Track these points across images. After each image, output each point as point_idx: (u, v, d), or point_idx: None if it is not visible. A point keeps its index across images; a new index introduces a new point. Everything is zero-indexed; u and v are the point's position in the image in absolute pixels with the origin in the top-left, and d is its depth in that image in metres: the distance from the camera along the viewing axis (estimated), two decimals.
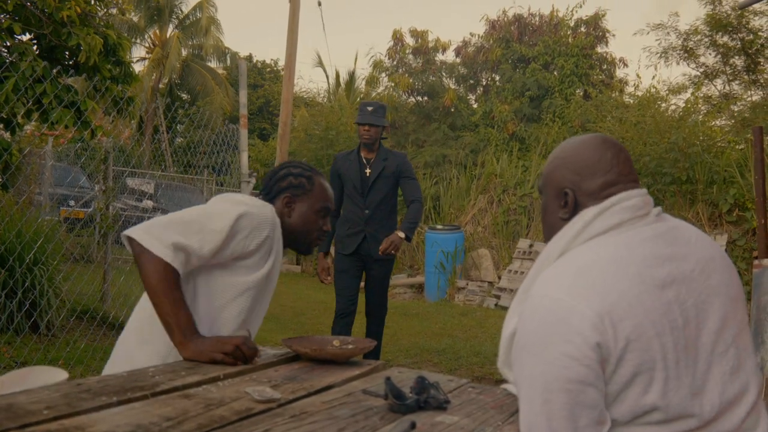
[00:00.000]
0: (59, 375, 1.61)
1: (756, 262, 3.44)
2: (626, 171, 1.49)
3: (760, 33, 15.16)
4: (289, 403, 1.38)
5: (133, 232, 1.80)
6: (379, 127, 4.46)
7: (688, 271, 1.34)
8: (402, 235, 4.32)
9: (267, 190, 2.18)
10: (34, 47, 4.61)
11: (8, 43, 4.31)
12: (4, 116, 4.47)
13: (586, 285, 1.28)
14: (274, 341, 6.27)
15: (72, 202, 10.85)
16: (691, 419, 1.26)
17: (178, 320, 1.75)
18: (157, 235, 1.79)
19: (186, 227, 1.84)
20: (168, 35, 23.73)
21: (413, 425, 1.22)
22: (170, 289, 1.76)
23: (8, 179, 5.97)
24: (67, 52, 4.65)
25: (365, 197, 4.45)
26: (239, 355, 1.71)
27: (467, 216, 11.36)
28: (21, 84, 3.91)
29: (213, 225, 1.87)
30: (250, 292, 1.99)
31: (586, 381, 1.23)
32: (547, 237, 1.52)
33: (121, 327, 2.45)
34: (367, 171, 4.48)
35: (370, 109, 4.45)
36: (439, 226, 10.12)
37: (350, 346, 1.86)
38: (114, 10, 4.97)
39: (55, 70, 4.22)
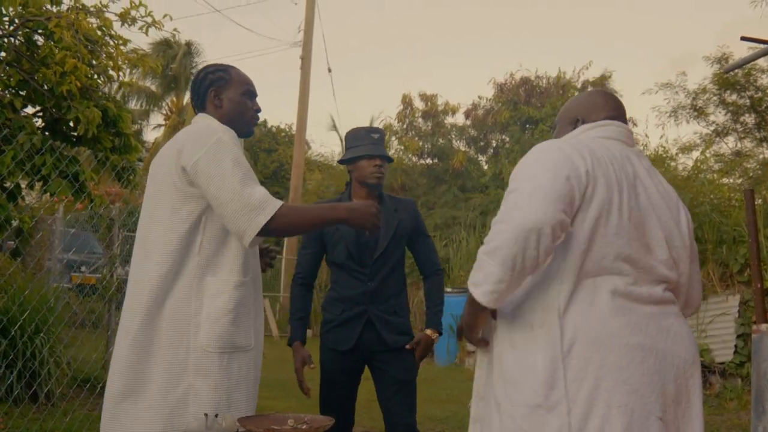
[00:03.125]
0: None
1: (754, 327, 3.36)
2: (621, 113, 2.07)
3: None
4: None
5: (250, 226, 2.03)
6: (387, 164, 3.19)
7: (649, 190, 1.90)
8: (434, 335, 3.16)
9: (196, 97, 2.38)
10: (39, 120, 4.75)
11: (11, 118, 4.44)
12: (7, 186, 4.57)
13: (579, 147, 1.83)
14: (279, 408, 6.17)
15: (83, 268, 10.96)
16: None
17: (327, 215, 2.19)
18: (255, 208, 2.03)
19: (243, 180, 2.06)
20: (184, 102, 24.33)
21: None
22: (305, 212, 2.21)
23: (21, 246, 6.06)
24: (70, 124, 4.78)
25: (368, 265, 3.10)
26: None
27: None
28: (18, 155, 4.02)
29: (235, 159, 2.09)
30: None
31: (569, 177, 1.74)
32: None
33: None
34: None
35: (376, 136, 3.18)
36: (449, 289, 10.03)
37: (305, 426, 1.82)
38: (117, 83, 5.11)
39: (56, 141, 4.33)
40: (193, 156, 2.08)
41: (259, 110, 2.43)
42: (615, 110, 2.05)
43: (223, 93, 2.34)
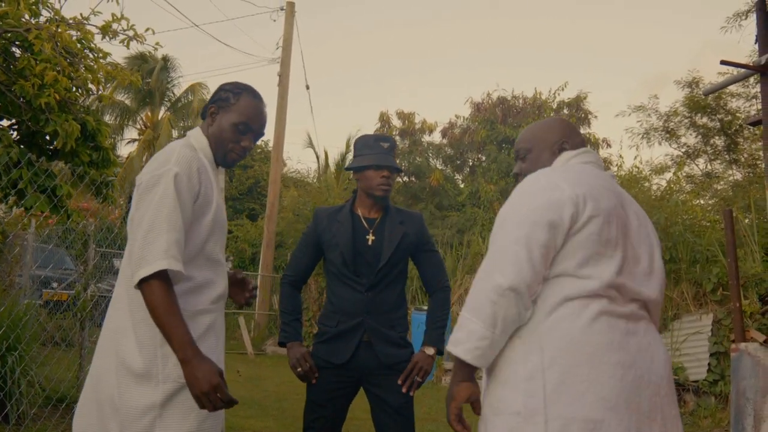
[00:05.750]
0: None
1: (733, 345, 3.41)
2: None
3: (738, 114, 15.57)
4: None
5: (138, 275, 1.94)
6: (395, 175, 3.05)
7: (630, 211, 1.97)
8: (432, 352, 2.94)
9: (206, 105, 2.31)
10: (14, 133, 4.67)
11: None
12: None
13: (570, 178, 1.89)
14: (255, 428, 6.10)
15: (55, 284, 10.75)
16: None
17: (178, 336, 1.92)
18: (147, 257, 1.93)
19: (155, 223, 1.97)
20: (159, 117, 24.16)
21: None
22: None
23: None
24: (47, 137, 4.71)
25: (366, 275, 2.95)
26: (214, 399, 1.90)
27: (454, 296, 11.30)
28: None
29: (163, 198, 2.00)
30: (215, 225, 2.16)
31: (555, 224, 1.79)
32: None
33: None
34: (369, 238, 2.99)
35: (385, 145, 3.01)
36: (425, 307, 10.04)
37: None
38: (95, 96, 5.05)
39: (32, 155, 4.26)
40: (140, 179, 2.08)
41: (247, 148, 2.29)
42: (579, 132, 2.18)
43: (219, 114, 2.26)
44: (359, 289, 2.95)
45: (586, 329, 1.74)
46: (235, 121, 2.23)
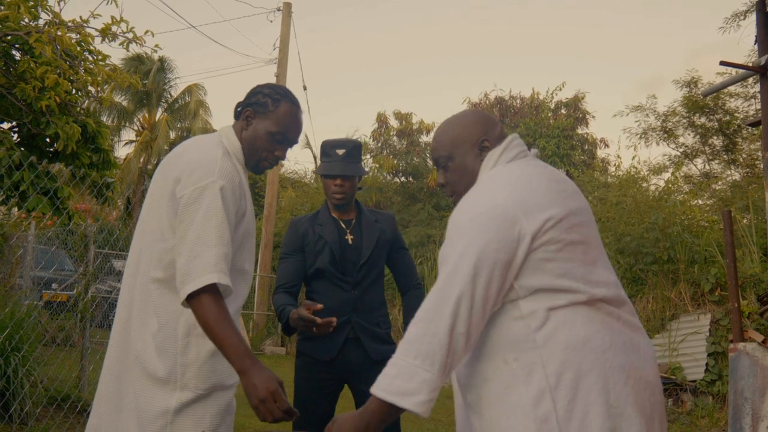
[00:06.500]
0: None
1: (731, 345, 3.42)
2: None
3: (736, 114, 15.60)
4: None
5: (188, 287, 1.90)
6: (354, 179, 3.09)
7: (576, 198, 1.82)
8: None
9: (239, 105, 2.21)
10: (15, 135, 4.69)
11: None
12: None
13: (514, 191, 1.73)
14: (255, 426, 6.10)
15: (55, 285, 10.75)
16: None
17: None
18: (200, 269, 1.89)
19: (203, 238, 1.93)
20: (157, 118, 24.15)
21: None
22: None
23: None
24: (47, 140, 4.73)
25: (351, 273, 3.03)
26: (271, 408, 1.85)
27: None
28: None
29: (209, 212, 1.94)
30: (246, 235, 2.12)
31: (508, 261, 1.67)
32: (469, 186, 1.89)
33: None
34: (349, 237, 3.09)
35: (341, 152, 3.05)
36: None
37: None
38: (93, 99, 5.07)
39: (33, 158, 4.28)
40: (181, 191, 2.00)
41: (281, 158, 2.20)
42: (498, 120, 2.02)
43: (256, 120, 2.16)
44: (346, 288, 3.01)
45: (583, 335, 1.67)
46: (273, 131, 2.15)
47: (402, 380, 1.65)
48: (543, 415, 1.63)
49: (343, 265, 3.02)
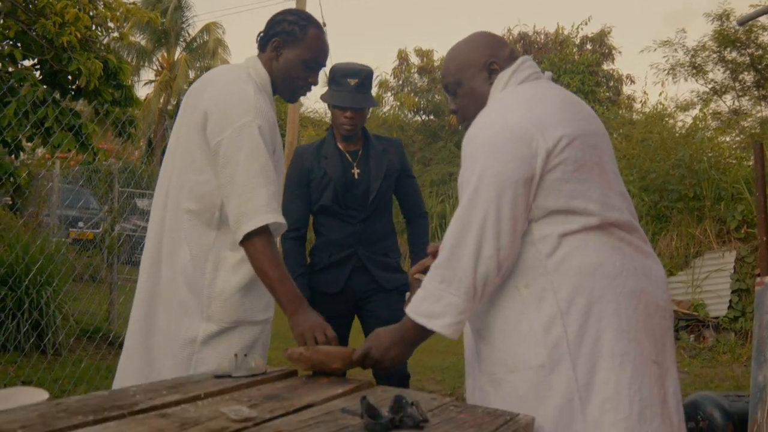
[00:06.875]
0: (40, 395, 1.63)
1: (758, 279, 3.39)
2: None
3: None
4: (265, 422, 1.38)
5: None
6: (365, 110, 2.97)
7: (592, 121, 1.77)
8: (422, 278, 3.08)
9: (263, 35, 2.17)
10: (37, 72, 4.68)
11: (10, 69, 4.38)
12: (8, 140, 4.54)
13: (527, 109, 1.69)
14: (279, 360, 6.22)
15: (81, 224, 10.93)
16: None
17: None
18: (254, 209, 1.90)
19: (251, 177, 1.92)
20: (176, 58, 24.01)
21: None
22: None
23: (20, 203, 6.06)
24: (69, 77, 4.72)
25: (356, 207, 2.96)
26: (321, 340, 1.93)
27: None
28: (21, 108, 3.97)
29: (252, 150, 1.94)
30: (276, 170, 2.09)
31: (529, 178, 1.63)
32: (479, 111, 1.80)
33: None
34: (355, 171, 2.98)
35: (352, 82, 2.89)
36: None
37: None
38: (115, 34, 5.04)
39: (56, 94, 4.28)
40: (219, 134, 1.97)
41: (314, 83, 2.20)
42: (506, 42, 1.93)
43: (286, 49, 2.12)
44: (351, 221, 2.95)
45: (595, 261, 1.65)
46: (306, 58, 2.12)
47: (429, 303, 1.67)
48: (554, 341, 1.63)
49: (347, 201, 2.95)
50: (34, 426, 1.23)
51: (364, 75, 2.91)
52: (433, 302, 1.67)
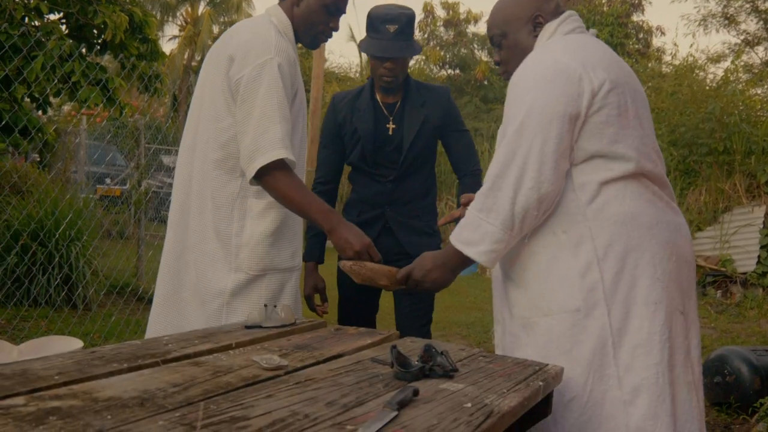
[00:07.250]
0: (75, 344, 1.66)
1: None
2: None
3: None
4: (296, 370, 1.40)
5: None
6: (407, 59, 2.74)
7: (633, 77, 1.82)
8: None
9: None
10: (63, 27, 4.67)
11: (36, 23, 4.38)
12: (36, 95, 4.55)
13: (575, 52, 1.72)
14: (305, 313, 6.31)
15: (108, 180, 11.05)
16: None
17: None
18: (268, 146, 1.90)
19: (267, 114, 1.93)
20: (200, 13, 23.87)
21: (416, 392, 1.22)
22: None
23: (48, 159, 6.13)
24: (95, 31, 4.71)
25: (386, 166, 2.75)
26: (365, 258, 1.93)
27: None
28: (48, 62, 3.98)
29: (269, 89, 1.94)
30: (299, 114, 2.11)
31: (575, 115, 1.65)
32: (518, 63, 1.82)
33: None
34: (390, 126, 2.75)
35: (392, 29, 2.64)
36: None
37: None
38: None
39: (83, 48, 4.27)
40: (239, 72, 1.98)
41: (335, 29, 2.20)
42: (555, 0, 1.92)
43: None
44: (380, 180, 2.76)
45: (632, 211, 1.69)
46: (327, 2, 2.12)
47: (468, 231, 1.73)
48: (590, 285, 1.67)
49: (377, 159, 2.74)
50: (70, 373, 1.26)
51: (405, 20, 2.65)
52: (472, 230, 1.72)
